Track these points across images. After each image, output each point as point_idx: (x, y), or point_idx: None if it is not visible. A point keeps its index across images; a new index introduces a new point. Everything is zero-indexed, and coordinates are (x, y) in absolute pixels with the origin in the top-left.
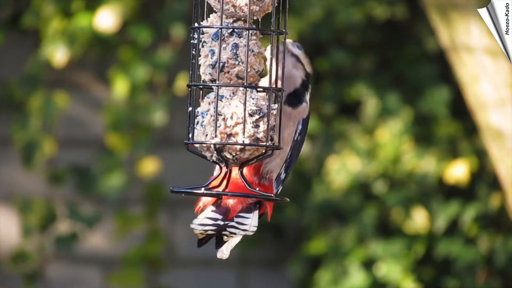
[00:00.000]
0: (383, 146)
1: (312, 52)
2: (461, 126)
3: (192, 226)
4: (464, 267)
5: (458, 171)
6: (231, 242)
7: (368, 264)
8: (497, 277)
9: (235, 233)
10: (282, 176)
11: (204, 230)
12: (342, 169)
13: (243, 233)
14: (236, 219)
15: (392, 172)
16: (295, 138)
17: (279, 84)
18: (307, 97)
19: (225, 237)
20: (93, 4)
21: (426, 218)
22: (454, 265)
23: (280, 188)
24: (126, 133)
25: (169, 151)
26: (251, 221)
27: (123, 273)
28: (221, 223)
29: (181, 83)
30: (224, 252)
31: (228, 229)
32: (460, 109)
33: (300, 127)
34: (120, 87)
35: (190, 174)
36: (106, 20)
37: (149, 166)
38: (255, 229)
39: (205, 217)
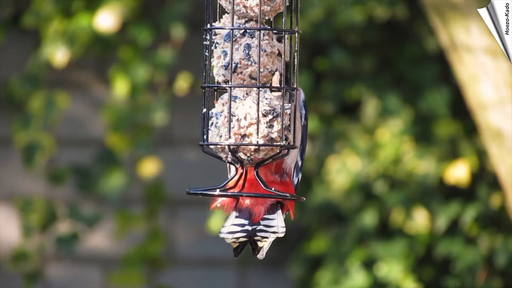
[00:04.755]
0: (383, 146)
1: (312, 52)
2: (461, 126)
3: (221, 235)
4: (464, 267)
5: (459, 171)
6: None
7: (369, 264)
8: (497, 277)
9: (267, 237)
10: (299, 163)
11: (235, 238)
12: (343, 169)
13: (274, 235)
14: (262, 222)
15: (393, 172)
16: (302, 124)
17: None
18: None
19: (258, 242)
20: (93, 4)
21: (427, 218)
22: (455, 265)
23: (300, 175)
24: (126, 133)
25: (170, 151)
26: (278, 222)
27: (123, 273)
28: (249, 228)
29: (182, 83)
30: (260, 252)
31: (258, 234)
32: (460, 109)
33: (303, 111)
34: (121, 87)
35: (191, 174)
36: (106, 20)
37: (150, 166)
38: (283, 229)
39: (231, 224)
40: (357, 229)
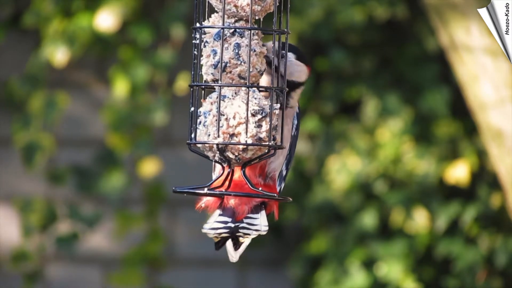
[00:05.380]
0: (383, 146)
1: (312, 52)
2: (461, 126)
3: (203, 231)
4: (464, 267)
5: (459, 171)
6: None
7: (369, 264)
8: (497, 277)
9: (249, 234)
10: (284, 172)
11: (217, 233)
12: (343, 169)
13: (256, 233)
14: (245, 220)
15: (393, 172)
16: (292, 134)
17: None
18: (289, 100)
19: (240, 238)
20: (93, 4)
21: (427, 218)
22: (455, 265)
23: (283, 185)
24: (126, 133)
25: (170, 151)
26: (261, 221)
27: (123, 273)
28: (232, 225)
29: (181, 83)
30: (233, 255)
31: (240, 230)
32: (460, 109)
33: (295, 122)
34: (121, 87)
35: (191, 174)
36: (106, 20)
37: (149, 166)
38: (266, 228)
39: (214, 221)
40: (357, 229)
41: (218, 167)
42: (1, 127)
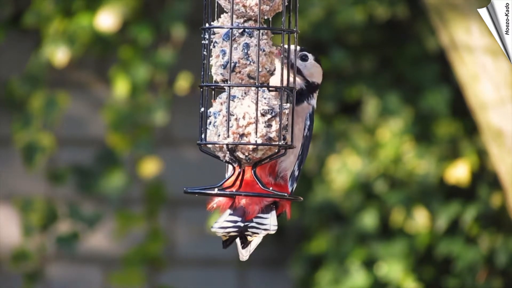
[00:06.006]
0: (383, 145)
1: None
2: (461, 126)
3: (213, 229)
4: (465, 267)
5: (459, 170)
6: (251, 245)
7: (369, 264)
8: (497, 276)
9: (257, 233)
10: (296, 173)
11: (226, 232)
12: (343, 168)
13: (264, 232)
14: (255, 220)
15: (393, 171)
16: (305, 134)
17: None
18: (311, 100)
19: (249, 237)
20: (94, 3)
21: (427, 217)
22: (455, 265)
23: (295, 185)
24: (126, 132)
25: (170, 150)
26: (270, 221)
27: (124, 272)
28: (241, 224)
29: (182, 82)
30: (243, 254)
31: (249, 229)
32: (460, 109)
33: (308, 122)
34: (121, 87)
35: (191, 173)
36: (106, 19)
37: (150, 166)
38: (275, 228)
39: (224, 220)
40: (357, 229)
41: (231, 167)
42: (1, 127)
